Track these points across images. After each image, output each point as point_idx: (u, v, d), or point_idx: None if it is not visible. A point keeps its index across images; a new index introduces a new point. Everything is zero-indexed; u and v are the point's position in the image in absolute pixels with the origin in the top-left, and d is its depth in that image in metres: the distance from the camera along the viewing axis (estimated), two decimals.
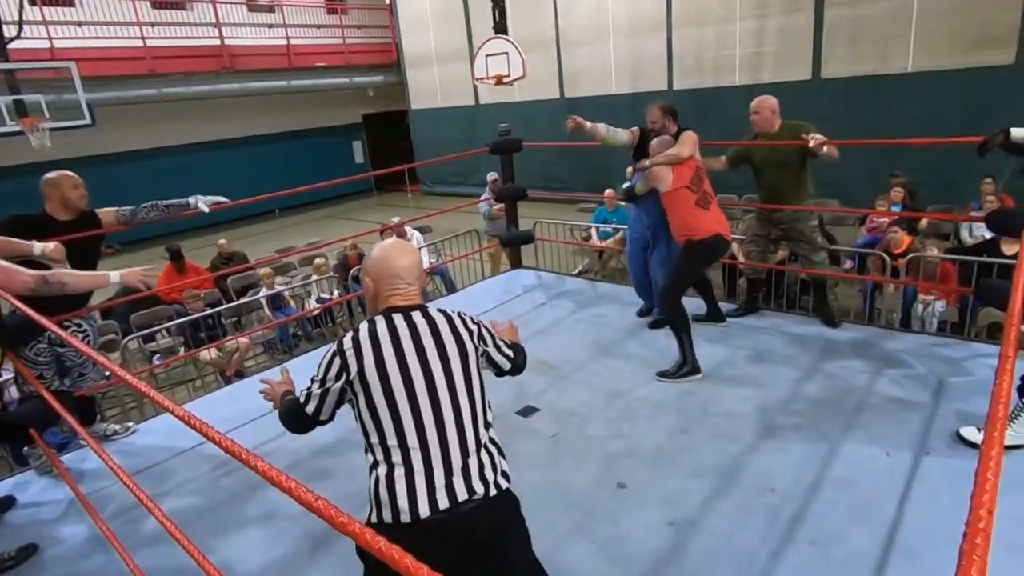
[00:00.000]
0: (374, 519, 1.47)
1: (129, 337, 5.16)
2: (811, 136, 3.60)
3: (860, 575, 2.05)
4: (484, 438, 1.55)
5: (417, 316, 1.60)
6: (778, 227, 4.05)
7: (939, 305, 4.79)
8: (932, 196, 7.17)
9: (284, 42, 13.51)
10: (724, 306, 4.26)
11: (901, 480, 2.46)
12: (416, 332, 1.56)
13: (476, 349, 1.64)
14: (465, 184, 13.74)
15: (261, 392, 1.88)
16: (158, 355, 5.74)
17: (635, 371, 3.60)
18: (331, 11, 15.17)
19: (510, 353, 1.81)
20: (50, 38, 9.99)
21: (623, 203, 7.39)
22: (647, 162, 3.63)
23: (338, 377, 1.54)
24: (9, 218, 3.05)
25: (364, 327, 1.57)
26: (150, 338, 5.65)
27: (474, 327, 1.68)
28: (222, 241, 7.71)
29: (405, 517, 1.42)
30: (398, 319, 1.58)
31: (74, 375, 3.23)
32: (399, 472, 1.45)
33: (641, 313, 4.36)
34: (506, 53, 9.45)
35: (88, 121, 9.06)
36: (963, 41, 7.75)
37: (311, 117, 15.35)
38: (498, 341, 1.78)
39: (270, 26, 13.59)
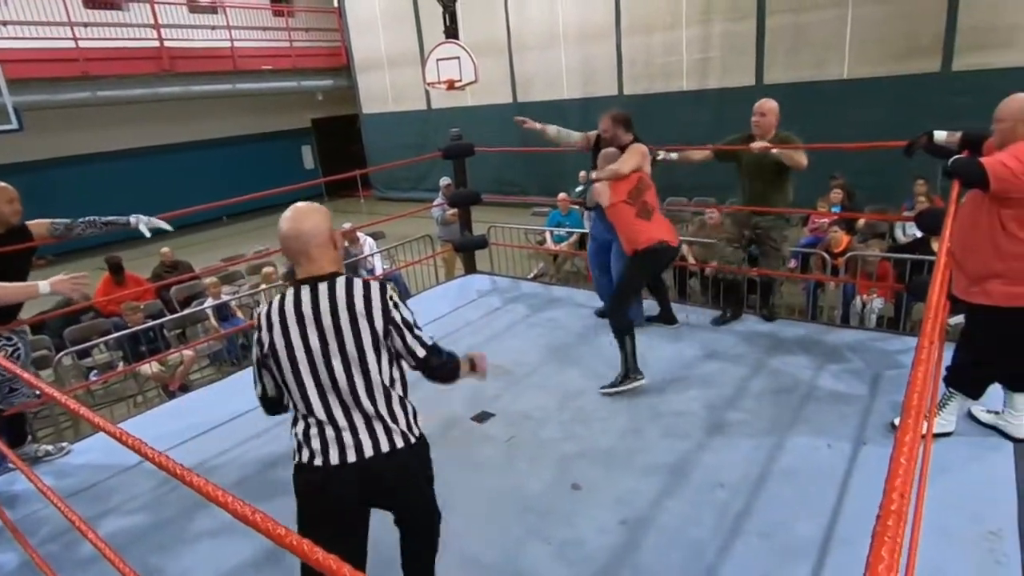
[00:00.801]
0: (297, 459, 1.67)
1: (63, 352, 4.91)
2: (757, 143, 3.74)
3: (805, 564, 2.12)
4: (393, 397, 1.68)
5: (323, 288, 1.64)
6: (754, 231, 4.10)
7: (877, 301, 5.01)
8: (870, 197, 7.50)
9: (228, 44, 13.15)
10: (709, 313, 4.34)
11: (841, 471, 2.56)
12: (317, 304, 1.62)
13: (383, 320, 1.65)
14: (418, 189, 13.65)
15: None
16: (95, 371, 5.48)
17: (589, 373, 3.64)
18: (277, 13, 14.85)
19: (426, 341, 1.74)
20: None
21: (577, 207, 7.48)
22: (594, 175, 3.64)
23: (260, 353, 1.66)
24: None
25: (276, 300, 1.66)
26: (85, 353, 5.39)
27: (388, 300, 1.67)
28: (165, 249, 7.43)
29: (318, 462, 1.62)
30: (304, 291, 1.64)
31: (3, 391, 3.06)
32: (313, 431, 1.64)
33: (600, 313, 4.41)
34: (457, 58, 9.44)
35: (15, 126, 8.61)
36: (894, 50, 8.17)
37: (258, 122, 14.99)
38: (414, 325, 1.73)
39: (213, 27, 13.20)
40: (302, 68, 14.54)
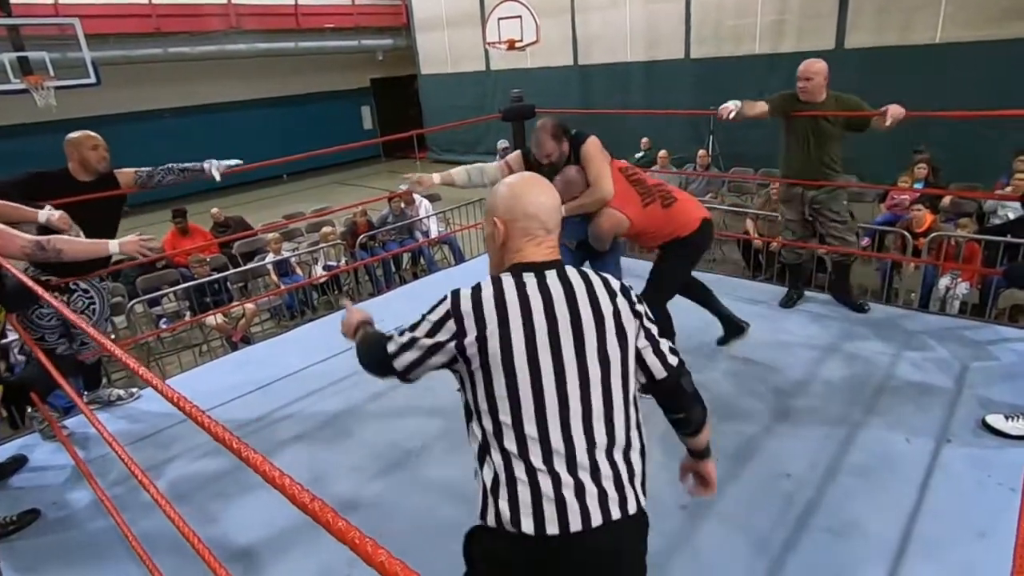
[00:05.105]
0: (491, 522, 1.20)
1: (135, 300, 5.12)
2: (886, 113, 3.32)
3: (877, 566, 1.98)
4: (628, 439, 1.28)
5: (552, 278, 1.29)
6: (811, 206, 3.72)
7: (963, 286, 4.66)
8: (952, 173, 6.95)
9: (292, 2, 13.19)
10: (773, 291, 4.11)
11: (921, 468, 2.38)
12: (549, 299, 1.26)
13: (632, 324, 1.32)
14: (473, 152, 13.52)
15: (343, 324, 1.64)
16: (164, 319, 5.70)
17: None
18: None
19: (672, 359, 1.39)
20: None
21: None
22: (565, 210, 2.54)
23: (447, 343, 1.26)
24: (28, 175, 3.00)
25: (488, 288, 1.27)
26: (156, 302, 5.61)
27: (634, 300, 1.35)
28: (215, 210, 7.62)
29: (552, 530, 1.16)
30: (529, 280, 1.28)
31: (76, 342, 3.18)
32: (519, 470, 1.18)
33: None
34: (519, 17, 9.19)
35: (93, 80, 8.91)
36: (994, 11, 7.44)
37: (319, 80, 15.08)
38: (657, 333, 1.37)
39: None
40: (363, 26, 14.48)
